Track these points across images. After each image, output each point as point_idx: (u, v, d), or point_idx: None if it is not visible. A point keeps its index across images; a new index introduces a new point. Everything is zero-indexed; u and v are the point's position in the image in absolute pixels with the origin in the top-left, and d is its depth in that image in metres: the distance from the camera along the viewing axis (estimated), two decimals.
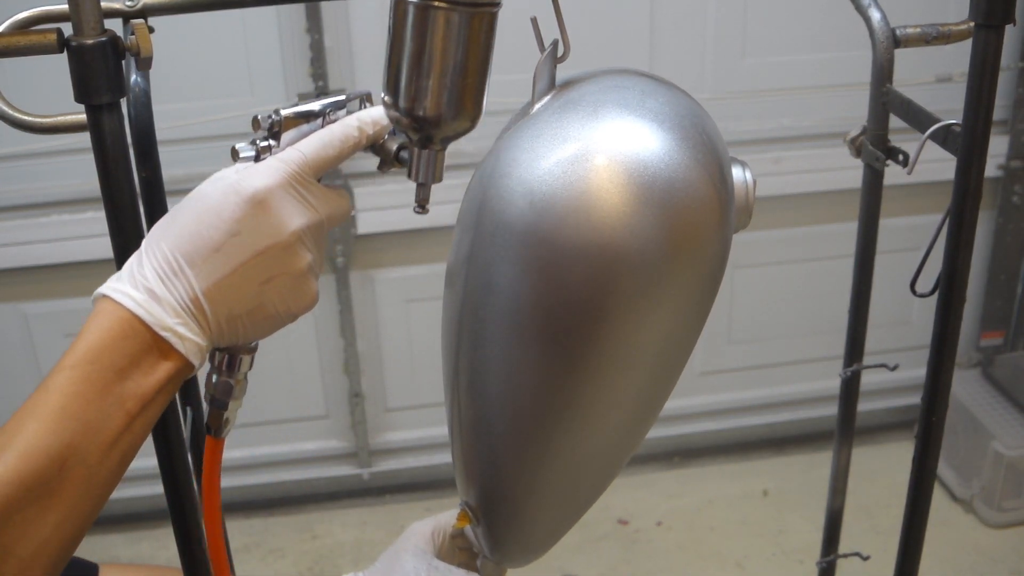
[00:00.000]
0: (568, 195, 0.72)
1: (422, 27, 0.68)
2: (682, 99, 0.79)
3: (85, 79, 0.64)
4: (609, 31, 2.38)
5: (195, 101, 2.28)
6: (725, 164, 0.79)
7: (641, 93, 0.76)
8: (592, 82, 0.78)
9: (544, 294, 0.74)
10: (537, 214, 0.73)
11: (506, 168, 0.75)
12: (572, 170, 0.72)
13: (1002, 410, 2.64)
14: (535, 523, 0.91)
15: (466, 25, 0.68)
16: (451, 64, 0.69)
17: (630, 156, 0.72)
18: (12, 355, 2.48)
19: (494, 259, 0.76)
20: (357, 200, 2.42)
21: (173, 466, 0.76)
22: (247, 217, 0.69)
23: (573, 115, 0.75)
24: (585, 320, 0.75)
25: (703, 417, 2.80)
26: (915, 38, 0.97)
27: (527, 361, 0.78)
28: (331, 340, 2.58)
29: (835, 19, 2.38)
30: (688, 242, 0.76)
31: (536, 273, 0.74)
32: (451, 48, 0.68)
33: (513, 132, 0.78)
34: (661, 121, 0.74)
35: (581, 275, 0.73)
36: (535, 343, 0.77)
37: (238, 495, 2.64)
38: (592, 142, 0.73)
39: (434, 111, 0.70)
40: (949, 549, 2.49)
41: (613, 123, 0.74)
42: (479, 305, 0.78)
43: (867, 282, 1.12)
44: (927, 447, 0.93)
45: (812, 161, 2.55)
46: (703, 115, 0.80)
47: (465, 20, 0.68)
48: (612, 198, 0.71)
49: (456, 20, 0.68)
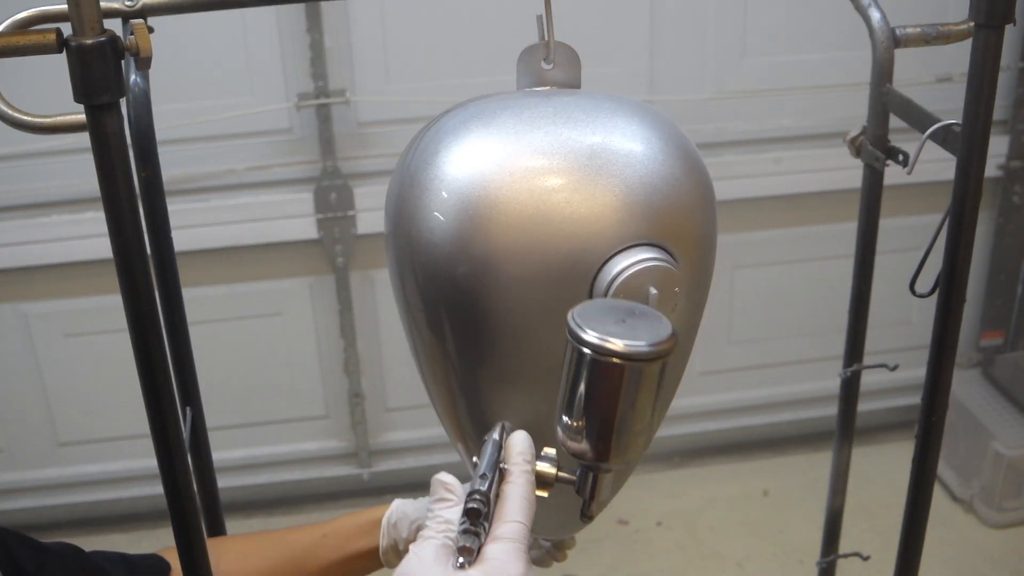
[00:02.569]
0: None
1: (595, 377, 0.68)
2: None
3: (85, 79, 0.64)
4: (609, 31, 2.38)
5: (195, 101, 2.28)
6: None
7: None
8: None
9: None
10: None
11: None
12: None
13: (1002, 410, 2.64)
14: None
15: (638, 377, 0.68)
16: (623, 411, 0.69)
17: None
18: (12, 355, 2.48)
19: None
20: (357, 200, 2.42)
21: (173, 466, 0.76)
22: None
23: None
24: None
25: (703, 417, 2.80)
26: (915, 38, 0.97)
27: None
28: (331, 340, 2.58)
29: (835, 19, 2.38)
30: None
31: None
32: (623, 397, 0.68)
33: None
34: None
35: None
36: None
37: (238, 495, 2.64)
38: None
39: (607, 454, 0.71)
40: (949, 549, 2.49)
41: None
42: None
43: (867, 282, 1.12)
44: (927, 447, 0.93)
45: (812, 161, 2.55)
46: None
47: (637, 373, 0.68)
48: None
49: (632, 372, 0.67)
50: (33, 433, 2.57)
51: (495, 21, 2.28)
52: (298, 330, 2.58)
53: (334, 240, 2.45)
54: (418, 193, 0.78)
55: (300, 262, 2.51)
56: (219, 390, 2.41)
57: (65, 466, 2.62)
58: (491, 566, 0.66)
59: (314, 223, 2.43)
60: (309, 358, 2.61)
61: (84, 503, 2.65)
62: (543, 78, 0.86)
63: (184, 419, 0.85)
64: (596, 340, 0.66)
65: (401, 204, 0.80)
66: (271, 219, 2.42)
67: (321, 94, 2.33)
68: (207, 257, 2.41)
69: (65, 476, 2.62)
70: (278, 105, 2.35)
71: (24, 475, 2.62)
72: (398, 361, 2.62)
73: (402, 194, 0.80)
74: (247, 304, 2.54)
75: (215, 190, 2.39)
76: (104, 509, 2.65)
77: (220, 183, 2.39)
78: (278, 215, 2.43)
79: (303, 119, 2.37)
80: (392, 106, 2.35)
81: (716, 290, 0.88)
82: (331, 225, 2.44)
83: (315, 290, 2.55)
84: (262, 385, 2.63)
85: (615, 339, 0.66)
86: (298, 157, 2.41)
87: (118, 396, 2.49)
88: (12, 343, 2.48)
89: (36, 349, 2.49)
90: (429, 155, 0.79)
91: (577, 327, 0.68)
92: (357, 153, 2.42)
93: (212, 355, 2.42)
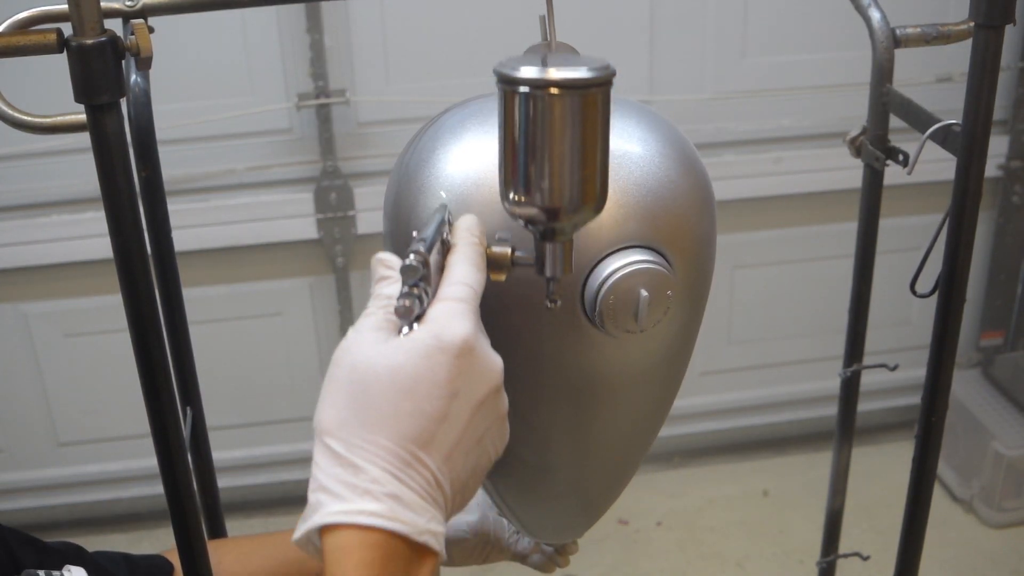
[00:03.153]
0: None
1: (535, 116, 0.63)
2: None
3: (85, 79, 0.64)
4: (609, 31, 2.38)
5: (195, 101, 2.28)
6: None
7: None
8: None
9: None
10: None
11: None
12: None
13: (1002, 410, 2.64)
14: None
15: (580, 108, 0.63)
16: (569, 151, 0.64)
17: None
18: (12, 355, 2.49)
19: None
20: (357, 200, 2.42)
21: (173, 466, 0.76)
22: (462, 373, 0.60)
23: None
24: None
25: (703, 417, 2.80)
26: (915, 38, 0.97)
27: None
28: (331, 340, 2.58)
29: (835, 19, 2.38)
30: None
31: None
32: (568, 134, 0.63)
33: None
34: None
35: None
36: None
37: (238, 495, 2.64)
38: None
39: (558, 203, 0.65)
40: (949, 549, 2.49)
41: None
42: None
43: (867, 282, 1.12)
44: (927, 447, 0.93)
45: (812, 161, 2.55)
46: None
47: (578, 103, 0.63)
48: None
49: (569, 104, 0.63)
50: (33, 433, 2.57)
51: (495, 21, 2.28)
52: (298, 330, 2.58)
53: (334, 240, 2.45)
54: (416, 192, 0.78)
55: (300, 262, 2.51)
56: (219, 390, 2.41)
57: (65, 466, 2.62)
58: (433, 327, 0.60)
59: (314, 223, 2.43)
60: (309, 358, 2.61)
61: (84, 503, 2.65)
62: None
63: (184, 419, 0.85)
64: (534, 75, 0.62)
65: (399, 203, 0.80)
66: (271, 219, 2.42)
67: (321, 94, 2.33)
68: (207, 257, 2.41)
69: (65, 476, 2.63)
70: (278, 105, 2.35)
71: (24, 475, 2.62)
72: None
73: (400, 193, 0.80)
74: (247, 304, 2.54)
75: (215, 190, 2.40)
76: (104, 509, 2.65)
77: (220, 183, 2.39)
78: (278, 215, 2.43)
79: (303, 119, 2.37)
80: (392, 106, 2.35)
81: (716, 290, 0.88)
82: (331, 225, 2.44)
83: (315, 290, 2.55)
84: (262, 385, 2.63)
85: (551, 69, 0.62)
86: (298, 157, 2.41)
87: (118, 396, 2.49)
88: (12, 343, 2.48)
89: (36, 349, 2.49)
90: (427, 154, 0.79)
91: (509, 71, 0.63)
92: (357, 153, 2.42)
93: (212, 355, 2.42)
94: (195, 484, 0.81)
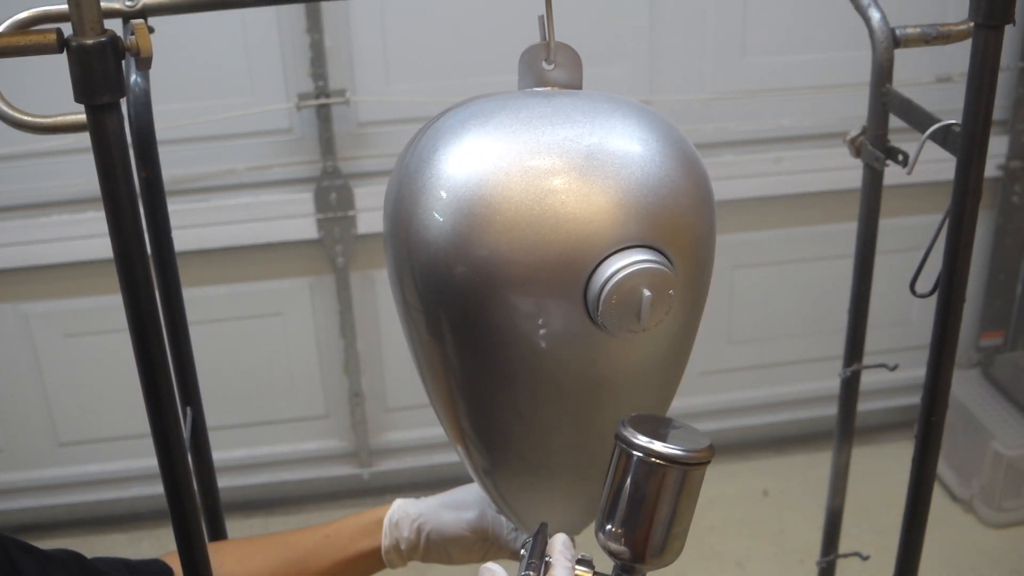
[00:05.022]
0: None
1: (644, 479, 0.74)
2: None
3: (85, 79, 0.64)
4: (609, 31, 2.38)
5: (195, 101, 2.28)
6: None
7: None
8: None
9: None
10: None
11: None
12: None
13: (1002, 410, 2.64)
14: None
15: (683, 480, 0.74)
16: (667, 513, 0.75)
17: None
18: (12, 355, 2.49)
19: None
20: (357, 200, 2.42)
21: (173, 466, 0.76)
22: None
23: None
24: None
25: (703, 417, 2.80)
26: (915, 38, 0.98)
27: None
28: (331, 340, 2.59)
29: (835, 19, 2.38)
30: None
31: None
32: (668, 499, 0.75)
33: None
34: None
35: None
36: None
37: (238, 495, 2.64)
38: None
39: (647, 551, 0.76)
40: (949, 549, 2.49)
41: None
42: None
43: (867, 282, 1.13)
44: (927, 447, 0.93)
45: (812, 161, 2.55)
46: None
47: (681, 476, 0.74)
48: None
49: (675, 476, 0.74)
50: (33, 433, 2.57)
51: (496, 21, 2.28)
52: (298, 330, 2.58)
53: (334, 240, 2.45)
54: (416, 193, 0.78)
55: (300, 262, 2.51)
56: (219, 390, 2.41)
57: (65, 466, 2.62)
58: None
59: (314, 223, 2.43)
60: (309, 358, 2.61)
61: (84, 503, 2.65)
62: (544, 79, 0.85)
63: (184, 419, 0.85)
64: (646, 443, 0.74)
65: (399, 204, 0.80)
66: (271, 219, 2.42)
67: (321, 94, 2.33)
68: (207, 257, 2.41)
69: (65, 476, 2.62)
70: (278, 105, 2.35)
71: (24, 475, 2.62)
72: (398, 361, 2.62)
73: (400, 194, 0.80)
74: (247, 304, 2.54)
75: (215, 190, 2.40)
76: (104, 509, 2.65)
77: (220, 183, 2.39)
78: (278, 215, 2.43)
79: (303, 119, 2.37)
80: (392, 106, 2.35)
81: (716, 290, 0.88)
82: (331, 225, 2.44)
83: (315, 290, 2.55)
84: (262, 385, 2.63)
85: (661, 443, 0.74)
86: (298, 157, 2.41)
87: (118, 396, 2.49)
88: (12, 343, 2.48)
89: (36, 349, 2.49)
90: (427, 155, 0.79)
91: (628, 433, 0.75)
92: (357, 153, 2.42)
93: (212, 355, 2.42)
94: (195, 484, 0.81)
